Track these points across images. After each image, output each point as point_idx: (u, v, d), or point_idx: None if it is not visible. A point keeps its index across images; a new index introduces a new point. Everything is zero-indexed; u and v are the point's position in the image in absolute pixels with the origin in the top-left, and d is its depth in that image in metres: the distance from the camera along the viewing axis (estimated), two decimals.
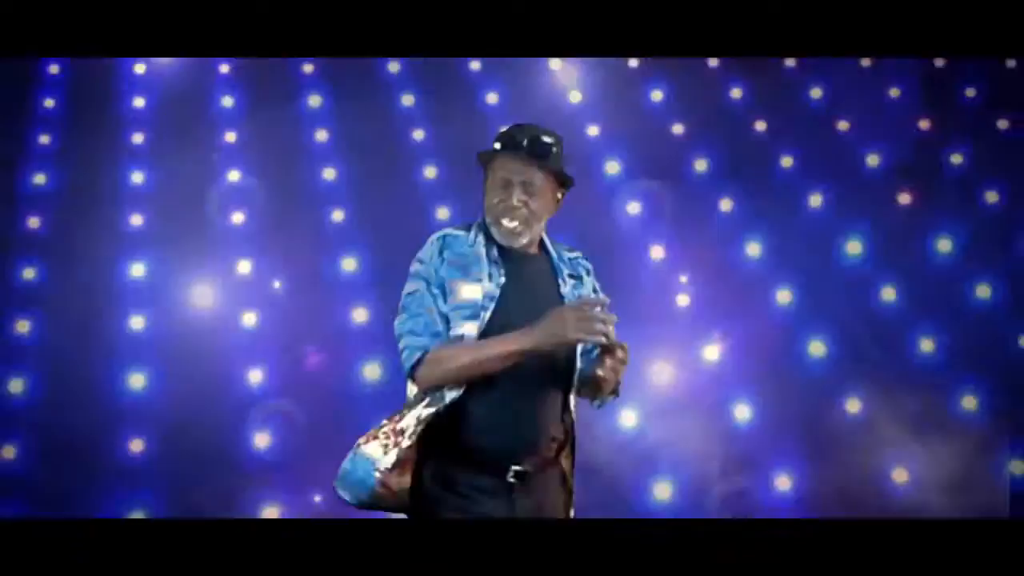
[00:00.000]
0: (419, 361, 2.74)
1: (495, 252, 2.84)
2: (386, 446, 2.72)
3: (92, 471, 5.03)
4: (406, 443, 2.70)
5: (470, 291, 2.78)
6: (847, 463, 5.33)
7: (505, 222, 2.81)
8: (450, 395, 2.72)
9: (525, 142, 2.81)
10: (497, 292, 2.78)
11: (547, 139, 2.84)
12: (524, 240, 2.85)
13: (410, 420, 2.73)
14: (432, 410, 2.72)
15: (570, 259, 3.00)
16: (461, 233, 2.87)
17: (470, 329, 2.74)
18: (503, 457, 2.71)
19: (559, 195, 2.92)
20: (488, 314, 2.76)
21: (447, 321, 2.77)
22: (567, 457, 2.86)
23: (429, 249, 2.85)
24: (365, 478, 2.71)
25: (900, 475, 5.33)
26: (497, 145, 2.84)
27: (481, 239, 2.85)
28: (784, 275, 5.72)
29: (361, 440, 2.75)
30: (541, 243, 2.96)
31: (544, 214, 2.88)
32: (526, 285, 2.83)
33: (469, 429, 2.72)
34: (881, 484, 5.31)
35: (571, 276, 2.95)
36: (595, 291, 2.99)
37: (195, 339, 5.34)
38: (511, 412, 2.72)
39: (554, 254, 2.96)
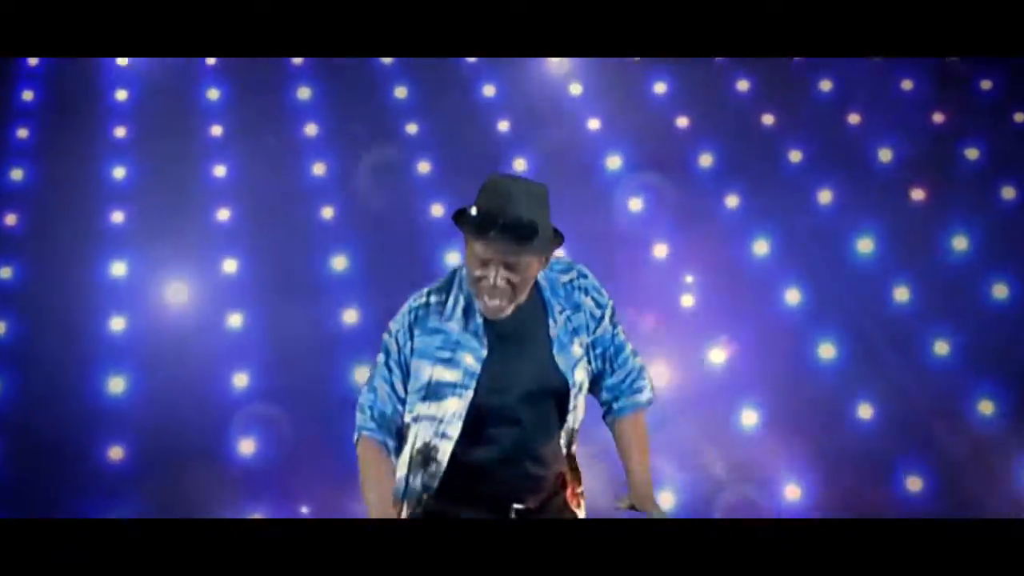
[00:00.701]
0: (357, 439, 2.72)
1: (477, 320, 2.65)
2: None
3: (68, 478, 4.82)
4: None
5: (436, 373, 2.65)
6: (859, 471, 5.11)
7: (487, 301, 2.56)
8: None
9: (504, 224, 2.47)
10: (479, 368, 2.63)
11: (529, 217, 2.49)
12: (509, 312, 2.60)
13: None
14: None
15: (564, 284, 2.75)
16: (436, 301, 2.68)
17: (445, 408, 2.63)
18: (504, 497, 2.66)
19: (549, 255, 2.64)
20: (470, 392, 2.63)
21: (402, 402, 2.69)
22: (573, 485, 2.80)
23: (400, 320, 2.70)
24: None
25: (914, 483, 5.11)
26: (473, 212, 2.52)
27: (460, 309, 2.66)
28: (792, 274, 5.50)
29: None
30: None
31: (532, 279, 2.61)
32: (513, 348, 2.66)
33: (467, 477, 2.66)
34: (895, 492, 5.09)
35: (563, 310, 2.72)
36: (597, 306, 2.77)
37: (178, 341, 5.13)
38: (511, 461, 2.65)
39: (546, 287, 2.72)
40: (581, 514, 2.83)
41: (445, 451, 2.63)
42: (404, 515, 2.69)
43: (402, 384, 2.68)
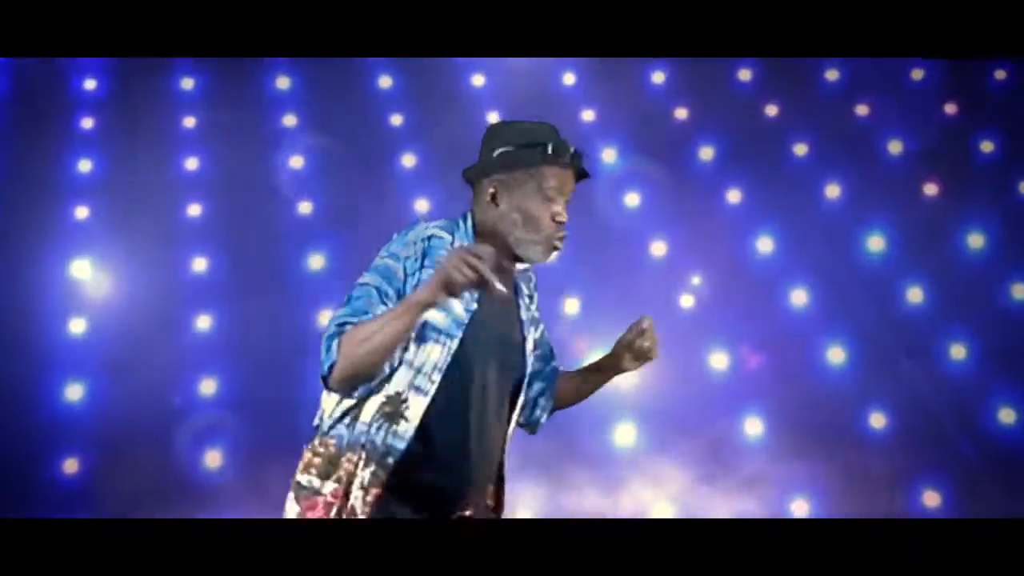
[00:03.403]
0: (339, 343, 2.18)
1: None
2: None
3: (19, 494, 4.27)
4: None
5: (433, 313, 2.24)
6: (871, 484, 4.56)
7: (557, 243, 2.38)
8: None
9: (573, 151, 2.40)
10: (467, 318, 2.30)
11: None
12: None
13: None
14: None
15: (522, 272, 2.52)
16: (446, 237, 2.34)
17: (426, 355, 2.26)
18: (452, 499, 2.29)
19: None
20: (455, 344, 2.27)
21: None
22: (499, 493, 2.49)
23: (410, 247, 2.30)
24: None
25: (931, 498, 4.56)
26: (549, 149, 2.37)
27: None
28: (799, 274, 4.96)
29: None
30: None
31: None
32: (496, 315, 2.37)
33: (424, 463, 2.25)
34: (910, 508, 4.55)
35: (527, 295, 2.54)
36: (537, 308, 2.60)
37: (142, 344, 4.60)
38: (469, 449, 2.29)
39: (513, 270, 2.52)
40: None
41: (417, 410, 2.23)
42: (362, 466, 2.21)
43: None
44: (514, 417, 2.45)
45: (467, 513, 2.32)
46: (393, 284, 2.24)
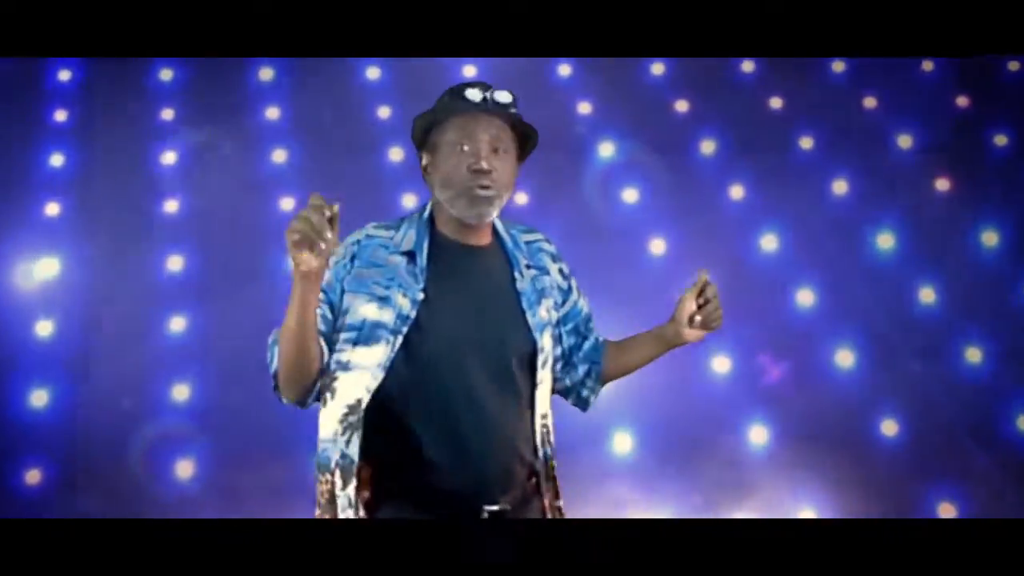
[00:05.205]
0: (277, 350, 2.11)
1: (423, 259, 2.20)
2: None
3: None
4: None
5: (368, 311, 2.15)
6: (882, 496, 4.22)
7: (479, 192, 2.17)
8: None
9: (483, 93, 2.21)
10: (413, 313, 2.15)
11: (506, 92, 2.24)
12: (492, 216, 2.23)
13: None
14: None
15: (528, 244, 2.35)
16: (384, 235, 2.23)
17: (374, 355, 2.12)
18: (474, 497, 2.12)
19: (526, 151, 2.31)
20: (399, 340, 2.13)
21: (327, 339, 2.15)
22: (548, 487, 2.28)
23: (341, 251, 2.23)
24: None
25: (947, 510, 4.21)
26: (447, 100, 2.23)
27: (407, 242, 2.21)
28: (805, 273, 4.61)
29: None
30: (492, 228, 2.32)
31: (510, 188, 2.25)
32: (469, 297, 2.21)
33: (427, 472, 2.11)
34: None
35: (530, 267, 2.32)
36: (563, 276, 2.40)
37: (112, 348, 4.25)
38: (475, 444, 2.12)
39: (507, 240, 2.33)
40: None
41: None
42: (340, 486, 2.08)
43: (329, 323, 2.16)
44: (538, 396, 2.25)
45: (499, 507, 2.13)
46: (327, 288, 2.17)
